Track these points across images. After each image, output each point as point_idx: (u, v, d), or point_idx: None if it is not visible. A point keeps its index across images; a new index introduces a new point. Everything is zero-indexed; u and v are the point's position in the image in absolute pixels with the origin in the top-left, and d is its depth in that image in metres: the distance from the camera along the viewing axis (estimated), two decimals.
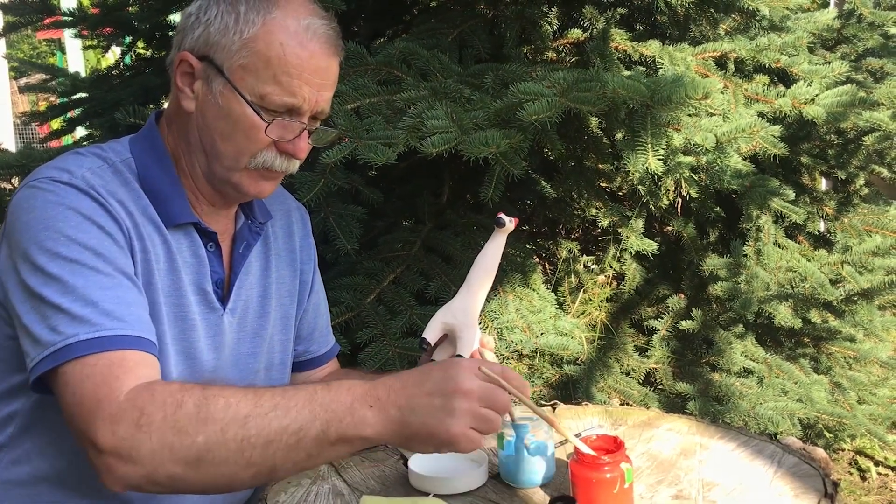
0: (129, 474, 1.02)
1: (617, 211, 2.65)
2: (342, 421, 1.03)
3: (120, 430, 1.01)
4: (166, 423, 1.01)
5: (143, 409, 1.02)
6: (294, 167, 1.29)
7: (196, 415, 1.02)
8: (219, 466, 1.02)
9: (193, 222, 1.27)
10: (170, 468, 1.02)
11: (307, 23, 1.21)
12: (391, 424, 1.04)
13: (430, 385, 1.04)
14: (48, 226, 1.12)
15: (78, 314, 1.07)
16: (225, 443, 1.01)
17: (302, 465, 1.06)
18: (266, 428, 1.02)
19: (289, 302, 1.46)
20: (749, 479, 1.18)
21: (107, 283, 1.11)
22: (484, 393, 1.04)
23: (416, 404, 1.04)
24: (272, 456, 1.03)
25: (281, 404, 1.03)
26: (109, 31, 3.08)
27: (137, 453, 1.01)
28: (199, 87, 1.23)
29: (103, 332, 1.07)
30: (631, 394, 2.31)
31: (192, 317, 1.26)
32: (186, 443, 1.01)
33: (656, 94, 1.71)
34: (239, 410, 1.02)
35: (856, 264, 2.51)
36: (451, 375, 1.04)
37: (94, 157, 1.23)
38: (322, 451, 1.05)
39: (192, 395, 1.03)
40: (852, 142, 2.85)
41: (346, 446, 1.05)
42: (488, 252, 1.31)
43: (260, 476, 1.05)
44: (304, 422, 1.03)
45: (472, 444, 1.04)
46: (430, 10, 2.78)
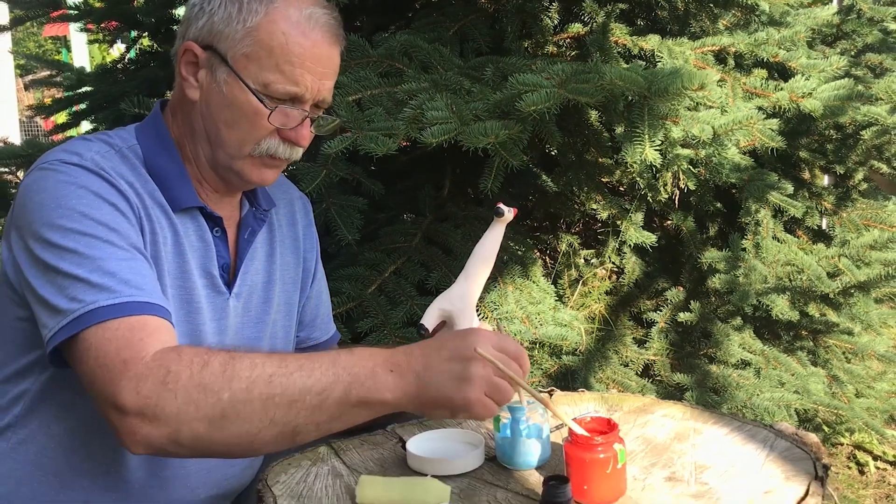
0: (152, 434, 1.03)
1: (616, 204, 2.67)
2: (364, 384, 1.05)
3: (145, 388, 1.02)
4: (192, 380, 1.02)
5: (169, 367, 1.03)
6: (297, 155, 1.31)
7: (222, 373, 1.03)
8: (243, 424, 1.03)
9: (199, 206, 1.29)
10: (194, 426, 1.03)
11: (309, 12, 1.23)
12: (411, 388, 1.06)
13: (448, 351, 1.07)
14: (60, 204, 1.14)
15: (97, 282, 1.08)
16: (250, 401, 1.03)
17: (324, 428, 1.08)
18: (291, 387, 1.04)
19: (292, 288, 1.48)
20: (741, 462, 1.19)
21: (122, 255, 1.13)
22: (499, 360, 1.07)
23: (434, 370, 1.06)
24: (296, 416, 1.04)
25: (306, 365, 1.05)
26: (115, 25, 3.11)
27: (162, 411, 1.02)
28: (203, 76, 1.26)
29: (123, 298, 1.08)
30: (629, 385, 2.33)
31: (199, 300, 1.29)
32: (212, 400, 1.02)
33: (653, 86, 1.73)
34: (264, 370, 1.04)
35: (853, 257, 2.52)
36: (469, 343, 1.07)
37: (100, 142, 1.25)
38: (343, 414, 1.07)
39: (219, 356, 1.05)
40: (851, 136, 2.86)
41: (367, 409, 1.07)
42: (487, 241, 1.33)
43: (282, 437, 1.06)
44: (328, 383, 1.05)
45: (486, 410, 1.07)
46: (431, 4, 2.80)
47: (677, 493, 1.11)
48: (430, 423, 1.37)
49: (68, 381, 1.20)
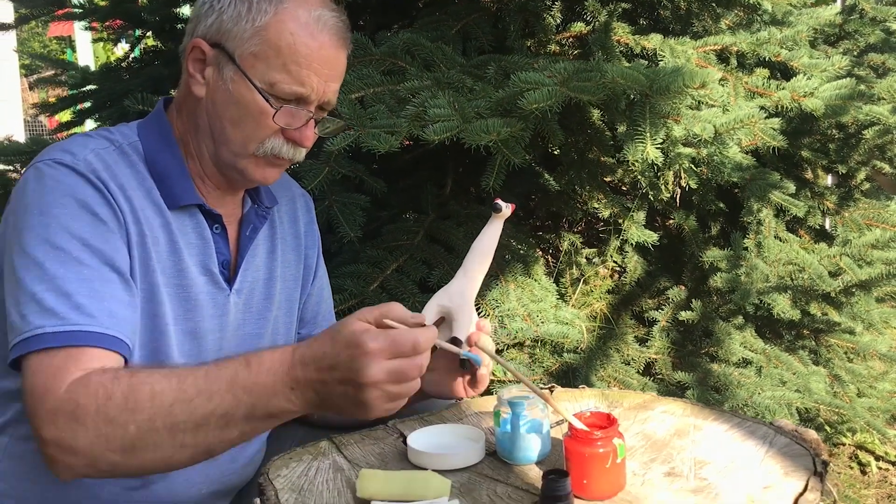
0: (72, 464, 1.06)
1: (618, 202, 2.67)
2: (268, 403, 1.06)
3: (59, 422, 1.05)
4: (99, 414, 1.04)
5: (78, 401, 1.05)
6: (300, 156, 1.32)
7: (125, 405, 1.05)
8: (154, 452, 1.06)
9: (198, 204, 1.30)
10: (109, 457, 1.05)
11: (318, 14, 1.24)
12: (314, 400, 1.07)
13: (340, 373, 1.04)
14: (43, 210, 1.15)
15: (48, 305, 1.10)
16: (156, 430, 1.05)
17: (238, 441, 1.10)
18: (193, 414, 1.05)
19: (293, 285, 1.49)
20: (740, 458, 1.20)
21: (87, 274, 1.14)
22: (391, 375, 1.04)
23: (330, 391, 1.06)
24: (204, 438, 1.06)
25: (204, 390, 1.05)
26: (119, 23, 3.12)
27: (77, 444, 1.05)
28: (210, 73, 1.26)
29: (68, 327, 1.10)
30: (630, 383, 2.34)
31: (198, 297, 1.29)
32: (119, 433, 1.04)
33: (655, 84, 1.74)
34: (164, 399, 1.05)
35: (855, 256, 2.52)
36: (357, 367, 1.03)
37: (101, 139, 1.26)
38: (255, 427, 1.09)
39: (120, 385, 1.06)
40: (853, 136, 2.86)
41: (276, 420, 1.09)
42: (485, 238, 1.33)
43: (198, 455, 1.08)
44: (230, 406, 1.05)
45: (394, 410, 1.08)
46: (434, 3, 2.81)
47: (676, 488, 1.12)
48: (431, 419, 1.38)
49: None
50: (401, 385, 1.05)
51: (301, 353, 1.07)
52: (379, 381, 1.03)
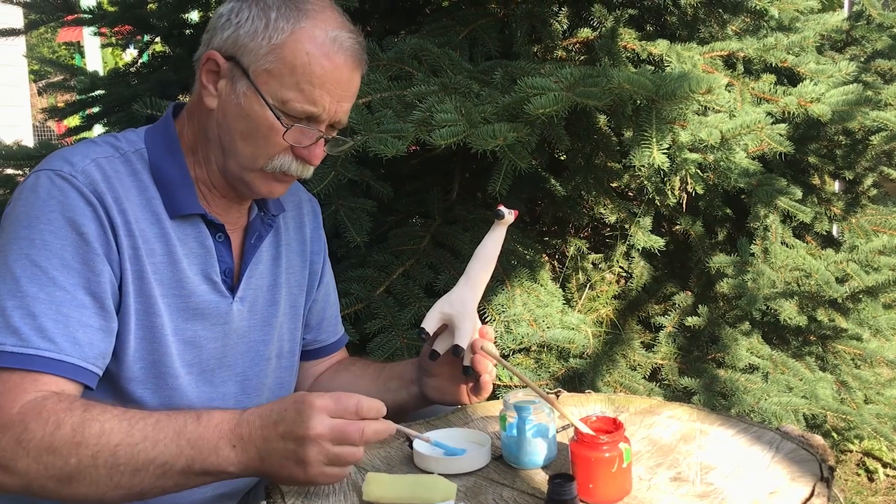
0: (5, 483, 1.08)
1: (625, 208, 2.67)
2: (207, 459, 1.09)
3: (3, 441, 1.07)
4: (43, 442, 1.06)
5: (27, 425, 1.07)
6: (308, 173, 1.32)
7: (72, 438, 1.07)
8: (89, 486, 1.08)
9: (200, 213, 1.30)
10: (43, 482, 1.08)
11: (335, 35, 1.24)
12: (253, 463, 1.09)
13: (284, 427, 1.08)
14: (31, 224, 1.17)
15: (14, 324, 1.12)
16: (95, 467, 1.07)
17: (170, 491, 1.12)
18: (135, 458, 1.07)
19: (298, 291, 1.49)
20: (747, 463, 1.20)
21: (59, 297, 1.15)
22: (334, 431, 1.07)
23: (271, 448, 1.08)
24: (140, 482, 1.09)
25: (150, 436, 1.08)
26: (128, 28, 3.13)
27: (14, 465, 1.07)
28: (223, 85, 1.27)
29: (28, 350, 1.12)
30: (636, 388, 2.33)
31: (198, 305, 1.30)
32: (59, 463, 1.07)
33: (661, 89, 1.74)
34: (111, 439, 1.08)
35: (862, 262, 2.52)
36: (302, 419, 1.07)
37: (106, 146, 1.27)
38: (188, 481, 1.11)
39: (73, 417, 1.08)
40: (860, 142, 2.85)
41: (212, 478, 1.11)
42: (488, 244, 1.34)
43: (130, 497, 1.10)
44: (170, 456, 1.08)
45: (331, 480, 1.10)
46: (442, 8, 2.82)
47: (682, 493, 1.12)
48: (437, 423, 1.38)
49: None
50: (341, 447, 1.07)
51: (250, 412, 1.11)
52: (320, 436, 1.05)
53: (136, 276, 1.23)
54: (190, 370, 1.30)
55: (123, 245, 1.22)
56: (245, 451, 1.09)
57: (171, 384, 1.27)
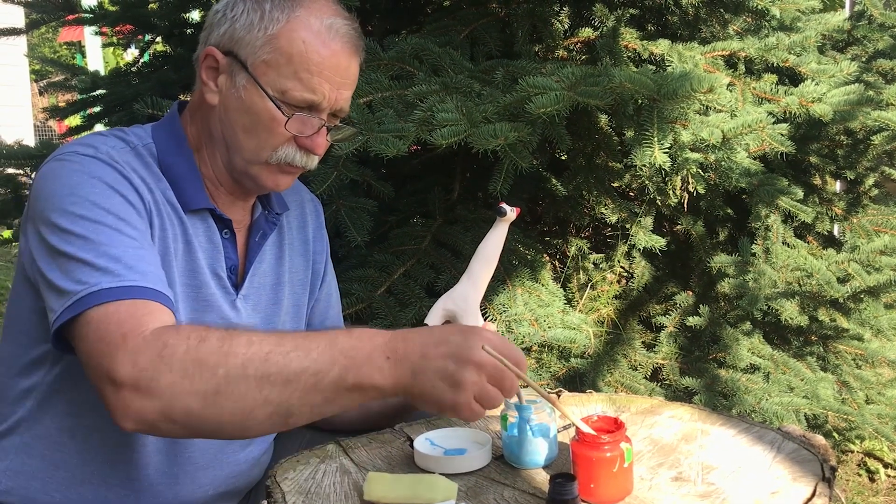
0: (145, 408, 1.02)
1: (626, 208, 2.67)
2: (360, 368, 1.04)
3: (141, 360, 1.01)
4: (189, 354, 1.02)
5: (167, 341, 1.03)
6: (313, 163, 1.33)
7: (219, 348, 1.03)
8: (237, 401, 1.02)
9: (209, 208, 1.31)
10: (187, 401, 1.02)
11: (330, 22, 1.25)
12: (404, 378, 1.05)
13: (446, 348, 1.05)
14: (73, 192, 1.16)
15: (102, 266, 1.10)
16: (245, 378, 1.02)
17: (318, 409, 1.06)
18: (286, 367, 1.03)
19: (301, 291, 1.49)
20: (748, 463, 1.20)
21: (129, 242, 1.14)
22: (495, 371, 1.05)
23: (429, 364, 1.04)
24: (290, 396, 1.03)
25: (302, 346, 1.04)
26: (129, 28, 3.14)
27: (157, 384, 1.01)
28: (223, 81, 1.27)
29: (127, 282, 1.09)
30: (637, 388, 2.33)
31: (208, 298, 1.30)
32: (206, 375, 1.01)
33: (663, 89, 1.74)
34: (262, 347, 1.03)
35: (863, 262, 2.51)
36: (469, 344, 1.05)
37: (116, 138, 1.28)
38: (338, 397, 1.05)
39: (217, 332, 1.05)
40: (861, 142, 2.85)
41: (361, 394, 1.06)
42: (490, 241, 1.34)
43: (276, 417, 1.05)
44: (324, 365, 1.03)
45: (472, 415, 1.06)
46: (443, 8, 2.82)
47: (684, 492, 1.11)
48: (438, 422, 1.38)
49: (80, 376, 1.21)
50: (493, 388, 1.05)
51: (406, 330, 1.08)
52: (483, 365, 1.03)
53: (163, 258, 1.23)
54: None
55: (155, 224, 1.23)
56: (399, 364, 1.05)
57: None
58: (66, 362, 1.23)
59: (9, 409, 1.28)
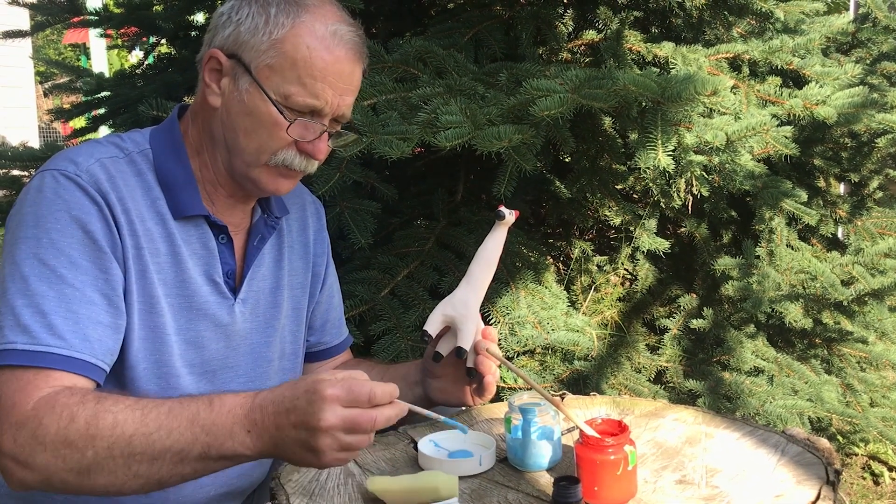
0: (26, 478, 1.09)
1: (630, 210, 2.67)
2: (223, 444, 1.08)
3: (20, 437, 1.08)
4: (59, 435, 1.07)
5: (42, 420, 1.08)
6: (312, 168, 1.32)
7: (86, 431, 1.07)
8: (108, 477, 1.08)
9: (203, 215, 1.31)
10: (63, 476, 1.08)
11: (334, 28, 1.25)
12: (267, 448, 1.09)
13: (296, 416, 1.06)
14: (38, 223, 1.18)
15: (24, 322, 1.13)
16: (112, 458, 1.07)
17: (189, 478, 1.11)
18: (150, 448, 1.07)
19: (300, 293, 1.49)
20: (752, 466, 1.19)
21: (68, 294, 1.16)
22: (345, 422, 1.05)
23: (284, 436, 1.07)
24: (158, 470, 1.08)
25: (164, 425, 1.08)
26: (133, 30, 3.14)
27: (33, 461, 1.07)
28: (226, 83, 1.27)
29: (39, 347, 1.12)
30: (641, 391, 2.33)
31: (201, 306, 1.30)
32: (76, 456, 1.07)
33: (667, 91, 1.74)
34: (125, 430, 1.07)
35: (867, 265, 2.51)
36: (313, 411, 1.05)
37: (111, 146, 1.28)
38: (207, 467, 1.10)
39: (85, 410, 1.08)
40: (866, 144, 2.85)
41: (229, 462, 1.10)
42: (489, 245, 1.33)
43: (149, 486, 1.10)
44: (186, 443, 1.07)
45: (344, 462, 1.09)
46: (447, 10, 2.82)
47: (688, 495, 1.11)
48: (442, 425, 1.38)
49: None
50: (353, 435, 1.06)
51: (262, 396, 1.10)
52: (332, 427, 1.04)
53: (140, 276, 1.24)
54: (192, 370, 1.30)
55: (127, 244, 1.22)
56: (259, 437, 1.08)
57: (173, 384, 1.27)
58: None
59: None
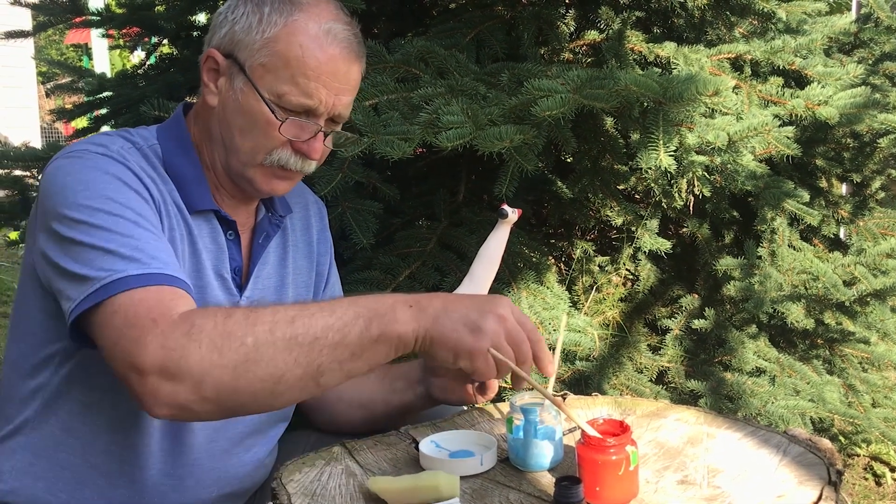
0: (175, 391, 1.02)
1: (631, 210, 2.67)
2: (383, 317, 1.07)
3: (170, 341, 1.02)
4: (216, 329, 1.03)
5: (195, 321, 1.04)
6: (309, 168, 1.32)
7: (245, 319, 1.04)
8: (266, 367, 1.03)
9: (214, 210, 1.31)
10: (218, 374, 1.02)
11: (328, 27, 1.25)
12: (425, 322, 1.08)
13: (472, 301, 1.10)
14: (87, 187, 1.15)
15: (127, 254, 1.10)
16: (273, 342, 1.04)
17: (347, 367, 1.08)
18: (312, 326, 1.05)
19: (304, 292, 1.50)
20: (754, 467, 1.19)
21: (149, 235, 1.15)
22: (515, 329, 1.09)
23: (452, 310, 1.08)
24: (318, 354, 1.05)
25: (326, 307, 1.08)
26: (135, 30, 3.15)
27: (186, 363, 1.01)
28: (222, 83, 1.28)
29: (153, 270, 1.10)
30: (643, 391, 2.33)
31: (210, 300, 1.30)
32: (236, 345, 1.03)
33: (668, 91, 1.74)
34: (287, 313, 1.06)
35: (869, 266, 2.51)
36: (494, 300, 1.10)
37: (122, 139, 1.28)
38: (364, 350, 1.07)
39: (243, 308, 1.09)
40: (868, 145, 2.85)
41: (386, 345, 1.08)
42: (491, 243, 1.33)
43: (307, 379, 1.06)
44: (349, 319, 1.06)
45: (486, 367, 1.09)
46: (448, 11, 2.82)
47: (689, 496, 1.11)
48: (443, 425, 1.38)
49: (87, 377, 1.22)
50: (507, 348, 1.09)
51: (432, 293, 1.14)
52: (505, 318, 1.08)
53: None
54: None
55: (164, 223, 1.23)
56: (422, 311, 1.08)
57: None
58: (74, 362, 1.23)
59: (16, 409, 1.28)
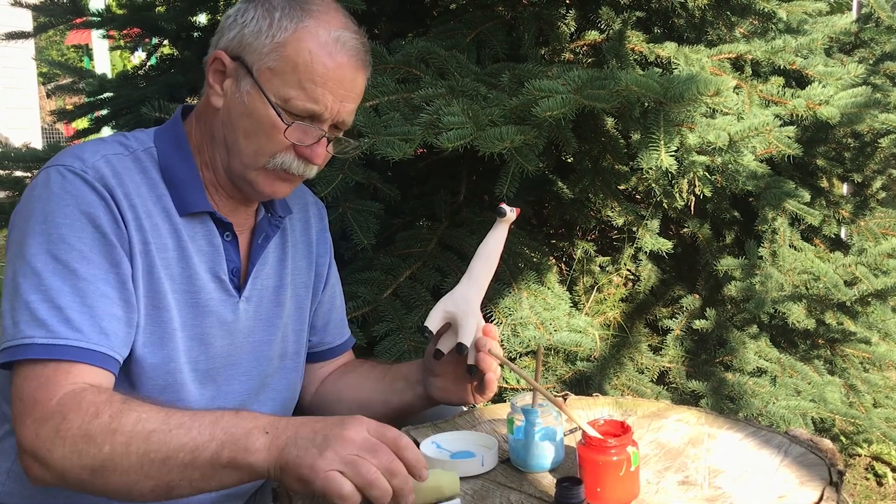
0: (43, 475, 1.09)
1: (632, 211, 2.67)
2: (236, 443, 1.05)
3: (42, 432, 1.08)
4: (81, 429, 1.06)
5: (66, 415, 1.07)
6: (311, 173, 1.32)
7: (108, 425, 1.06)
8: (120, 476, 1.06)
9: (209, 212, 1.31)
10: (78, 473, 1.07)
11: (338, 34, 1.25)
12: (276, 451, 1.04)
13: (323, 424, 1.04)
14: (47, 219, 1.18)
15: (40, 317, 1.13)
16: (127, 455, 1.06)
17: (198, 486, 1.07)
18: (167, 444, 1.05)
19: (304, 293, 1.49)
20: (755, 467, 1.19)
21: (82, 288, 1.16)
22: (368, 442, 1.02)
23: (301, 435, 1.04)
24: (168, 472, 1.06)
25: (186, 423, 1.07)
26: (136, 31, 3.15)
27: (51, 457, 1.07)
28: (228, 85, 1.28)
29: (57, 341, 1.12)
30: (644, 391, 2.33)
31: (207, 303, 1.30)
32: (93, 451, 1.06)
33: (669, 92, 1.74)
34: (146, 426, 1.06)
35: (870, 266, 2.51)
36: (345, 421, 1.03)
37: (116, 144, 1.28)
38: (215, 473, 1.06)
39: (111, 407, 1.08)
40: (869, 145, 2.85)
41: (237, 472, 1.06)
42: (490, 242, 1.33)
43: (158, 490, 1.08)
44: (202, 441, 1.05)
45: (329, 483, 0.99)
46: (449, 11, 2.82)
47: (691, 496, 1.11)
48: (444, 426, 1.38)
49: None
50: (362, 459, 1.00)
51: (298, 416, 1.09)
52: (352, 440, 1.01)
53: (147, 271, 1.24)
54: (196, 366, 1.30)
55: (134, 239, 1.23)
56: (275, 439, 1.05)
57: (178, 379, 1.28)
58: None
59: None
